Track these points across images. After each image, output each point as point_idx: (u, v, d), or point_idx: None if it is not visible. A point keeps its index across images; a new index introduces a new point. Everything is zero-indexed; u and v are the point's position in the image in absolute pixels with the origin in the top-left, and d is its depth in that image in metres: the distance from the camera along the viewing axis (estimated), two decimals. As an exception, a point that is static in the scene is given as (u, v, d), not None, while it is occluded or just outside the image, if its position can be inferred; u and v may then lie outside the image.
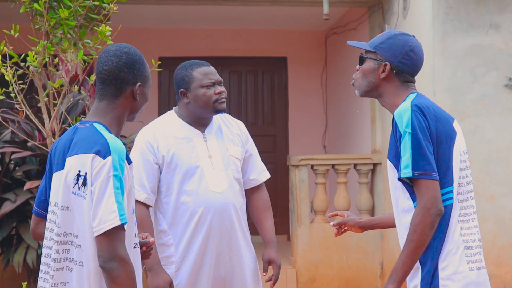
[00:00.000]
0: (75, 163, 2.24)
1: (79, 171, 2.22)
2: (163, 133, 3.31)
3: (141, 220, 3.16)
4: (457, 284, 2.45)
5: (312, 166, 6.78)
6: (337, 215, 3.10)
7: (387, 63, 2.63)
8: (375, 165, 6.82)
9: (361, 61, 2.71)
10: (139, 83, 2.38)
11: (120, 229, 2.18)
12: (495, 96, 5.77)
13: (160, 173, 3.28)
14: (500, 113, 5.77)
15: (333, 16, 7.74)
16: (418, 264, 2.49)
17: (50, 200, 2.35)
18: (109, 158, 2.20)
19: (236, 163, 3.38)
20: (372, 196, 6.92)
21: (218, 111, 3.34)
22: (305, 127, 9.00)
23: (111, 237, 2.16)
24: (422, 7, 5.91)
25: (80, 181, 2.22)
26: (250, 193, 3.50)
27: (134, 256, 2.32)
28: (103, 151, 2.21)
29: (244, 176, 3.46)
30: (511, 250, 5.78)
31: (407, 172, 2.45)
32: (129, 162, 2.30)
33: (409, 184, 2.50)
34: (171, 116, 3.40)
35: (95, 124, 2.32)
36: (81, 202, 2.22)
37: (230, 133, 3.43)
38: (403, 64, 2.62)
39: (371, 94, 2.70)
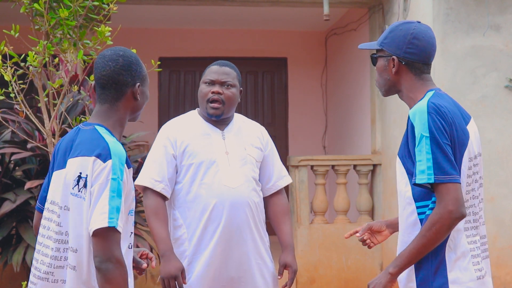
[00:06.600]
0: (76, 164, 2.28)
1: (80, 173, 2.26)
2: (183, 127, 3.37)
3: (156, 209, 3.25)
4: None
5: (311, 166, 6.78)
6: (356, 232, 2.91)
7: (393, 57, 2.56)
8: (375, 166, 6.82)
9: (374, 61, 2.65)
10: (138, 83, 2.42)
11: (115, 231, 2.21)
12: (495, 97, 5.77)
13: (177, 166, 3.32)
14: (500, 115, 5.77)
15: (333, 16, 7.73)
16: (413, 276, 2.46)
17: (48, 197, 2.39)
18: (109, 162, 2.24)
19: (253, 163, 3.39)
20: (372, 197, 6.92)
21: (209, 115, 3.37)
22: (305, 127, 9.00)
23: (107, 238, 2.19)
24: (423, 8, 5.90)
25: (81, 183, 2.26)
26: (269, 197, 3.50)
27: (128, 255, 2.35)
28: (104, 155, 2.25)
29: (264, 181, 3.48)
30: (511, 252, 5.77)
31: (423, 178, 2.37)
32: (129, 166, 2.34)
33: (427, 188, 2.43)
34: (192, 114, 3.47)
35: (97, 127, 2.35)
36: (80, 204, 2.26)
37: (251, 135, 3.44)
38: (410, 54, 2.55)
39: (392, 92, 2.64)
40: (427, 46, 2.57)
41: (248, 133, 3.44)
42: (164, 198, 3.31)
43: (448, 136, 2.41)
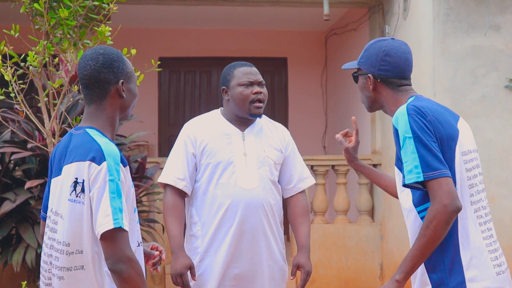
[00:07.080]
0: (72, 170, 2.28)
1: (76, 178, 2.27)
2: (203, 127, 3.43)
3: (173, 206, 3.34)
4: None
5: (312, 166, 6.78)
6: (346, 135, 2.97)
7: (369, 75, 2.61)
8: (375, 166, 6.82)
9: (355, 80, 2.71)
10: (122, 80, 2.39)
11: (122, 231, 2.21)
12: (495, 97, 5.76)
13: (196, 164, 3.39)
14: (500, 115, 5.77)
15: (333, 16, 7.74)
16: (427, 280, 2.44)
17: (48, 205, 2.40)
18: (104, 164, 2.24)
19: (271, 165, 3.42)
20: (372, 197, 6.92)
21: (252, 115, 3.40)
22: (305, 127, 9.00)
23: (115, 240, 2.20)
24: (423, 8, 5.90)
25: (78, 188, 2.26)
26: (289, 198, 3.55)
27: (137, 253, 2.35)
28: (98, 157, 2.25)
29: (284, 182, 3.51)
30: (511, 252, 5.77)
31: (411, 177, 2.38)
32: (125, 164, 2.33)
33: (419, 188, 2.42)
34: (214, 114, 3.52)
35: (88, 130, 2.35)
36: (79, 209, 2.27)
37: (271, 137, 3.48)
38: (383, 70, 2.58)
39: (375, 107, 2.68)
40: (400, 62, 2.59)
41: (269, 135, 3.48)
42: (183, 195, 3.39)
43: (432, 133, 2.41)
